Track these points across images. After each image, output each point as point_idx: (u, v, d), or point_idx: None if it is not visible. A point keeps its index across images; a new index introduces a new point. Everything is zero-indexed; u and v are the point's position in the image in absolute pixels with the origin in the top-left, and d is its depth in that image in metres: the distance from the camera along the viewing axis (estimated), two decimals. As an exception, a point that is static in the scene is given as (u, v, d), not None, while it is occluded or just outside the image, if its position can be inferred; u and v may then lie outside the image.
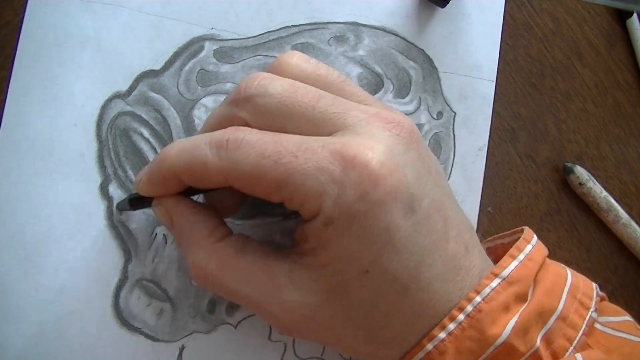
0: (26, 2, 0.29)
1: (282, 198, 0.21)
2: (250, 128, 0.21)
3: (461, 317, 0.21)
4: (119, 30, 0.30)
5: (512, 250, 0.23)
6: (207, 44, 0.30)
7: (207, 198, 0.26)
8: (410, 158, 0.21)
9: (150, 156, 0.29)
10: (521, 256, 0.23)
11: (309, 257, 0.21)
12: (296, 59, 0.23)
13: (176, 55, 0.30)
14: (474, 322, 0.21)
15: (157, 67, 0.30)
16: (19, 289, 0.28)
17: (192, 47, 0.30)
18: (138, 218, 0.29)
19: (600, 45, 0.35)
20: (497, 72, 0.33)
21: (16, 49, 0.29)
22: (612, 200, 0.33)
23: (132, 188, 0.29)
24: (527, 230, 0.25)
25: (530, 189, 0.33)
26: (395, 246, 0.20)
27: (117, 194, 0.29)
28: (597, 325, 0.23)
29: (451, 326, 0.21)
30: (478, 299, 0.21)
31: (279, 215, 0.30)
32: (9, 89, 0.29)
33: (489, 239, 0.29)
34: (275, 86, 0.22)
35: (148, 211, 0.29)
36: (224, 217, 0.25)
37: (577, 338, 0.22)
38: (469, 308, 0.21)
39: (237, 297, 0.23)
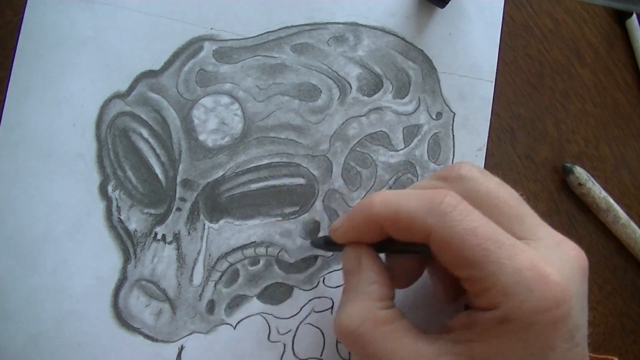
0: (25, 2, 0.29)
1: (468, 275, 0.21)
2: (463, 200, 0.22)
3: None
4: (118, 31, 0.30)
5: None
6: (206, 44, 0.30)
7: (390, 260, 0.27)
8: (583, 290, 0.22)
9: (150, 156, 0.29)
10: None
11: (464, 347, 0.22)
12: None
13: (175, 55, 0.30)
14: None
15: (157, 67, 0.30)
16: (18, 288, 0.28)
17: (191, 48, 0.30)
18: (137, 218, 0.29)
19: (599, 46, 0.34)
20: (497, 73, 0.33)
21: (15, 49, 0.29)
22: (612, 201, 0.33)
23: (131, 188, 0.29)
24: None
25: (530, 190, 0.33)
26: None
27: (116, 194, 0.29)
28: None
29: None
30: None
31: (278, 216, 0.30)
32: (9, 89, 0.29)
33: None
34: (486, 177, 0.24)
35: (148, 211, 0.29)
36: (397, 285, 0.26)
37: None
38: None
39: None
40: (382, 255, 0.26)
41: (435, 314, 0.30)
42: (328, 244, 0.27)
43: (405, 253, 0.26)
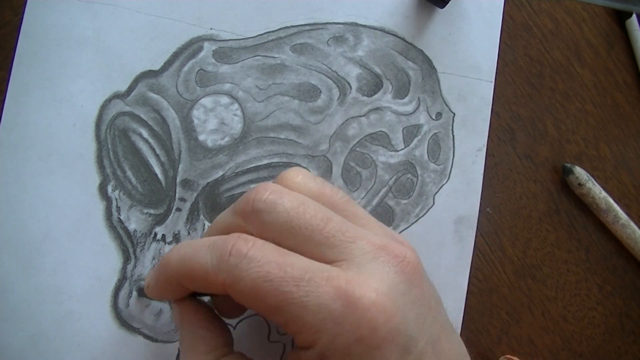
0: (25, 2, 0.29)
1: (279, 322, 0.20)
2: (255, 238, 0.21)
3: None
4: (118, 31, 0.30)
5: None
6: (206, 45, 0.30)
7: (214, 300, 0.26)
8: (412, 297, 0.21)
9: (150, 156, 0.29)
10: None
11: None
12: (302, 177, 0.23)
13: (175, 55, 0.30)
14: None
15: (156, 67, 0.30)
16: (18, 289, 0.28)
17: (191, 48, 0.30)
18: (137, 218, 0.29)
19: (599, 46, 0.34)
20: (496, 73, 0.33)
21: (15, 49, 0.29)
22: (611, 201, 0.33)
23: (130, 188, 0.29)
24: None
25: (530, 190, 0.33)
26: None
27: (116, 194, 0.29)
28: None
29: None
30: None
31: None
32: (8, 89, 0.29)
33: None
34: (284, 202, 0.21)
35: (148, 211, 0.29)
36: (229, 318, 0.25)
37: None
38: None
39: None
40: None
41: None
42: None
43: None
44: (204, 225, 0.29)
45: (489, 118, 0.32)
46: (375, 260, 0.21)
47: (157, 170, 0.29)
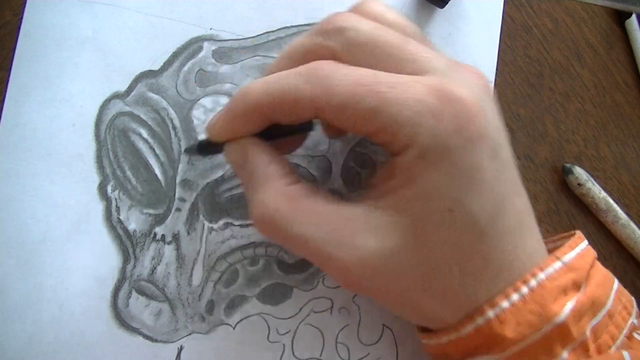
0: (25, 3, 0.29)
1: (374, 128, 0.20)
2: (340, 63, 0.21)
3: (524, 289, 0.21)
4: (117, 31, 0.30)
5: (570, 242, 0.24)
6: (205, 45, 0.30)
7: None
8: (492, 108, 0.22)
9: (149, 157, 0.29)
10: (578, 249, 0.23)
11: (390, 198, 0.21)
12: (379, 6, 0.23)
13: (175, 55, 0.30)
14: (537, 297, 0.21)
15: (156, 67, 0.30)
16: (18, 289, 0.28)
17: (190, 48, 0.30)
18: (136, 218, 0.29)
19: (599, 46, 0.35)
20: (496, 73, 0.33)
21: (15, 49, 0.29)
22: (611, 201, 0.33)
23: (130, 188, 0.29)
24: (579, 232, 0.26)
25: (529, 190, 0.33)
26: (480, 186, 0.20)
27: (116, 194, 0.29)
28: (635, 335, 0.24)
29: (514, 297, 0.21)
30: (542, 275, 0.21)
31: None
32: (8, 89, 0.29)
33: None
34: (365, 24, 0.21)
35: (147, 211, 0.29)
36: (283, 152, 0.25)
37: (620, 338, 0.22)
38: (533, 282, 0.21)
39: (304, 244, 0.21)
40: None
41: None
42: (202, 147, 0.25)
43: (291, 135, 0.24)
44: (204, 225, 0.29)
45: (489, 118, 0.32)
46: (457, 71, 0.21)
47: (157, 170, 0.29)
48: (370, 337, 0.29)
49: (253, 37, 0.31)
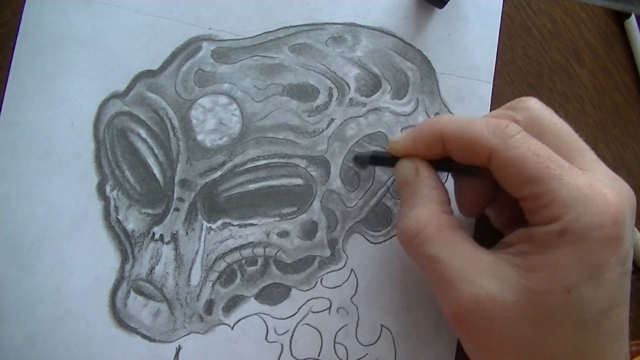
0: (24, 3, 0.29)
1: (529, 193, 0.23)
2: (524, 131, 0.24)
3: None
4: (116, 31, 0.30)
5: None
6: (204, 45, 0.30)
7: (457, 183, 0.28)
8: (632, 224, 0.23)
9: (148, 156, 0.29)
10: None
11: (519, 258, 0.23)
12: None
13: (174, 55, 0.30)
14: None
15: (155, 67, 0.30)
16: (16, 288, 0.28)
17: (189, 48, 0.30)
18: (135, 218, 0.29)
19: (598, 47, 0.34)
20: (495, 73, 0.33)
21: (14, 49, 0.29)
22: (610, 202, 0.33)
23: (129, 188, 0.29)
24: None
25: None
26: (601, 283, 0.22)
27: (114, 193, 0.29)
28: None
29: None
30: None
31: (275, 216, 0.30)
32: (7, 89, 0.29)
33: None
34: (548, 110, 0.25)
35: (146, 211, 0.29)
36: (464, 212, 0.28)
37: None
38: None
39: (435, 264, 0.24)
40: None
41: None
42: (375, 157, 0.28)
43: (459, 172, 0.27)
44: (202, 225, 0.29)
45: (488, 118, 0.32)
46: (613, 180, 0.24)
47: (156, 170, 0.29)
48: (369, 337, 0.29)
49: (252, 37, 0.31)
